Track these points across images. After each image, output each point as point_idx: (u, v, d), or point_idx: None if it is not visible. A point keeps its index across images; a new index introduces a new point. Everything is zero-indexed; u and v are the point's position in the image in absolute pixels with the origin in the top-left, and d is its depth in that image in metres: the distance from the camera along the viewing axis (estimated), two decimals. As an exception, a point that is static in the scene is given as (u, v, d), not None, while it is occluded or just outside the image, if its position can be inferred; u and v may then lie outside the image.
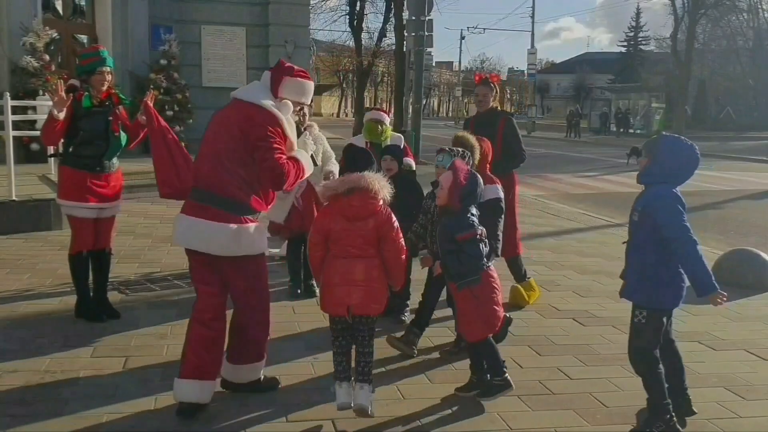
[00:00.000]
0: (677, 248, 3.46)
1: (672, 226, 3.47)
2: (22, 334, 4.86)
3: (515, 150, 6.00)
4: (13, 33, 11.75)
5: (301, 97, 3.87)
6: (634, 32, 69.75)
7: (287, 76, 3.80)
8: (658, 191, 3.59)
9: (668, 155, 3.57)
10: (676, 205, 3.52)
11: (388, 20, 28.77)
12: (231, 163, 3.61)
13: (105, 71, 4.99)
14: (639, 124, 41.34)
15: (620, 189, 15.71)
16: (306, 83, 3.88)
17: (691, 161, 3.60)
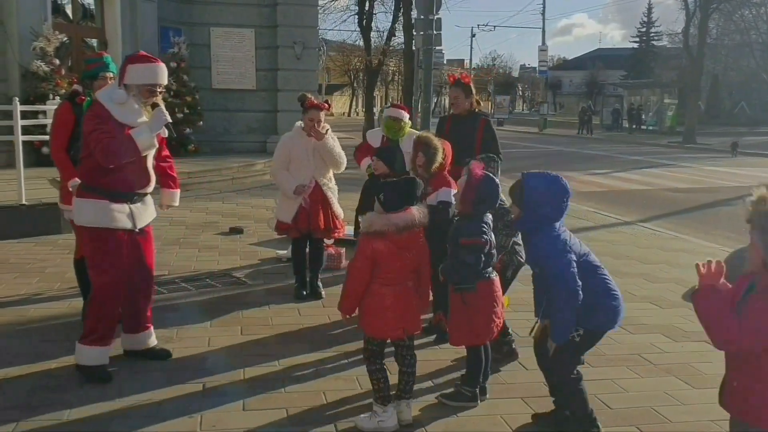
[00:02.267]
0: (559, 301, 3.40)
1: (553, 275, 3.41)
2: (30, 337, 4.90)
3: (493, 152, 5.99)
4: (23, 38, 11.83)
5: (146, 79, 4.17)
6: (646, 28, 69.25)
7: (129, 64, 4.17)
8: (538, 242, 3.49)
9: (534, 198, 3.44)
10: (551, 249, 3.42)
11: (397, 19, 28.73)
12: (86, 152, 4.19)
13: (107, 77, 5.03)
14: (652, 120, 41.05)
15: (631, 186, 15.63)
16: (148, 66, 4.19)
17: (558, 195, 3.46)
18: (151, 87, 4.21)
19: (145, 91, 4.20)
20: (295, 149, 5.87)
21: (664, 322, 5.63)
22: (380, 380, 3.71)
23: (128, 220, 4.29)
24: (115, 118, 4.10)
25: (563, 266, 3.38)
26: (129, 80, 4.16)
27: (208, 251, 7.76)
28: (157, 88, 4.27)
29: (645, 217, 11.10)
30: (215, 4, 16.15)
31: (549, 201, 3.44)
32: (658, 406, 4.05)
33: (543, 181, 3.49)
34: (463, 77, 6.20)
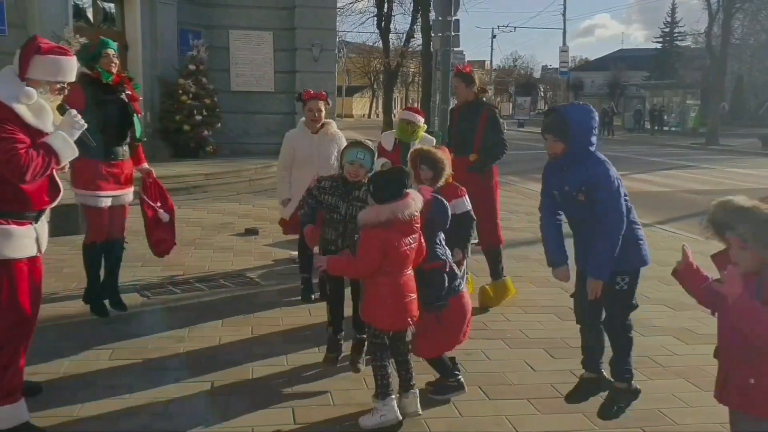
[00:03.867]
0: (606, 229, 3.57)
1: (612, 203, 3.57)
2: (45, 336, 4.98)
3: (496, 141, 5.97)
4: (45, 41, 12.02)
5: (56, 75, 3.48)
6: (669, 28, 68.46)
7: (36, 55, 3.42)
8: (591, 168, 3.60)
9: (580, 129, 3.57)
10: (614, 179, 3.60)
11: (416, 21, 28.78)
12: None
13: (110, 53, 5.13)
14: (674, 121, 40.63)
15: (651, 188, 15.49)
16: (60, 59, 3.48)
17: (596, 123, 3.66)
18: (62, 84, 3.56)
19: (55, 89, 3.53)
20: (299, 146, 5.88)
21: (677, 324, 5.59)
22: (385, 375, 3.74)
23: (34, 246, 3.54)
24: (26, 121, 3.35)
25: (616, 191, 3.56)
26: (34, 74, 3.42)
27: (223, 252, 7.83)
28: (66, 86, 3.61)
29: (663, 219, 11.00)
30: (234, 6, 16.27)
31: (593, 129, 3.60)
32: (664, 408, 4.03)
33: (583, 112, 3.62)
34: (464, 67, 6.24)
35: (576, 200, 3.67)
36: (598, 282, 3.65)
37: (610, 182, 3.57)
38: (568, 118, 3.57)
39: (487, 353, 4.86)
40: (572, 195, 3.66)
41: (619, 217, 3.56)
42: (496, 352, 4.89)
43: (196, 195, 11.76)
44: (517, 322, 5.53)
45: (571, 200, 3.70)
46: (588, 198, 3.60)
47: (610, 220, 3.55)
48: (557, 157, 3.68)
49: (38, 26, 12.06)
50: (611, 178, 3.58)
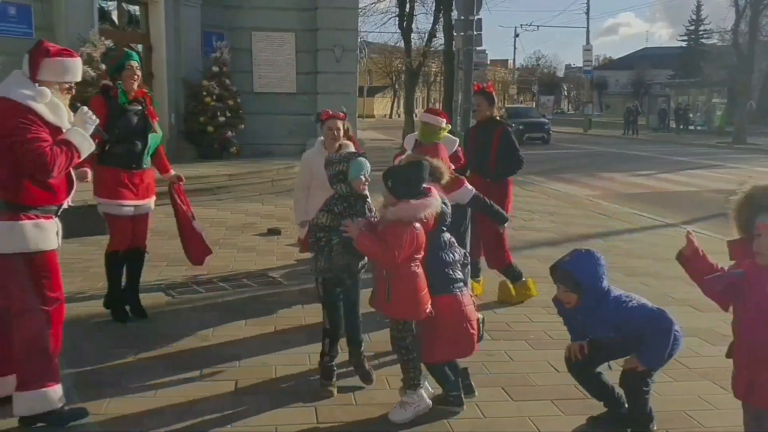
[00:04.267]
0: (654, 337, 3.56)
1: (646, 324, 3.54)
2: (71, 335, 5.03)
3: (510, 157, 6.07)
4: (71, 44, 12.11)
5: (64, 76, 3.69)
6: (694, 26, 67.68)
7: (45, 58, 3.63)
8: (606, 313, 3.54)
9: (590, 280, 3.51)
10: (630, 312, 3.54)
11: (438, 20, 28.68)
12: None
13: (133, 65, 5.19)
14: (700, 120, 40.10)
15: (676, 188, 15.32)
16: (67, 61, 3.69)
17: (603, 265, 3.58)
18: (70, 85, 3.77)
19: (64, 88, 3.73)
20: (317, 166, 5.75)
21: (703, 325, 5.52)
22: (417, 367, 3.78)
23: (56, 239, 3.78)
24: (45, 119, 3.57)
25: (646, 312, 3.55)
26: (46, 76, 3.63)
27: (246, 252, 7.88)
28: (73, 86, 3.82)
29: (689, 219, 10.87)
30: (257, 8, 16.35)
31: (603, 274, 3.54)
32: (690, 410, 3.99)
33: (588, 261, 3.55)
34: (487, 86, 6.32)
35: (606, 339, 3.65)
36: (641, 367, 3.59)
37: (634, 310, 3.54)
38: (576, 274, 3.51)
39: (510, 354, 4.84)
40: (602, 336, 3.65)
41: (666, 326, 3.56)
42: (519, 353, 4.87)
43: (220, 195, 11.86)
44: (540, 323, 5.50)
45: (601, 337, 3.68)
46: (622, 332, 3.58)
47: (661, 332, 3.55)
48: (573, 306, 3.62)
49: (64, 29, 12.24)
50: (630, 306, 3.55)
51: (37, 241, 3.62)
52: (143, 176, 5.33)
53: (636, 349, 3.56)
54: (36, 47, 3.70)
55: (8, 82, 3.64)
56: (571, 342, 3.81)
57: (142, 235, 5.48)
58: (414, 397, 3.78)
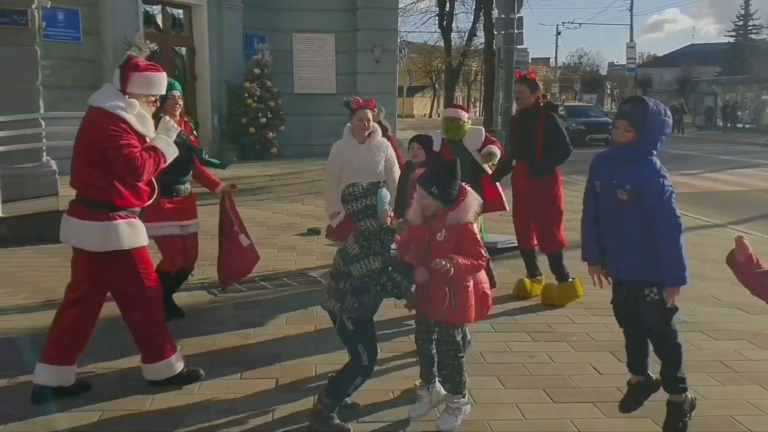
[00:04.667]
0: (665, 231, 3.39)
1: (662, 208, 3.39)
2: (117, 333, 5.14)
3: (557, 146, 5.87)
4: (117, 48, 12.45)
5: (151, 89, 4.05)
6: (743, 21, 65.98)
7: (134, 72, 3.97)
8: (646, 167, 3.45)
9: (657, 123, 3.43)
10: (667, 186, 3.42)
11: (478, 19, 28.57)
12: (89, 167, 3.90)
13: (175, 95, 5.24)
14: (748, 118, 39.08)
15: (722, 187, 14.97)
16: (153, 75, 4.05)
17: (669, 126, 3.52)
18: (155, 97, 4.14)
19: (150, 101, 4.10)
20: (347, 158, 5.75)
21: (752, 328, 5.39)
22: (464, 371, 3.76)
23: (146, 236, 4.17)
24: (135, 128, 3.94)
25: (668, 197, 3.40)
26: (134, 89, 3.97)
27: (287, 251, 7.96)
28: (158, 98, 4.20)
29: (736, 220, 10.61)
30: (297, 10, 16.49)
31: (666, 133, 3.48)
32: (738, 414, 3.89)
33: (664, 113, 3.48)
34: (530, 72, 6.18)
35: (616, 197, 3.50)
36: (676, 289, 3.45)
37: (662, 187, 3.42)
38: (650, 111, 3.43)
39: (551, 356, 4.79)
40: (616, 190, 3.50)
41: (674, 219, 3.39)
42: (561, 354, 4.82)
43: (261, 196, 11.99)
44: (582, 325, 5.43)
45: (612, 195, 3.53)
46: (633, 199, 3.43)
47: (666, 223, 3.39)
48: (621, 147, 3.54)
49: (110, 33, 12.53)
50: (664, 185, 3.43)
51: (131, 238, 3.98)
52: (184, 203, 5.38)
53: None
54: (126, 62, 4.05)
55: (101, 94, 3.99)
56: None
57: (193, 256, 5.54)
58: (461, 402, 3.74)
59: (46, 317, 5.46)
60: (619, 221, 3.53)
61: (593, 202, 3.70)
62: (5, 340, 5.03)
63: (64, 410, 3.89)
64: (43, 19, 10.97)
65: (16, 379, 4.31)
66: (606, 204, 3.59)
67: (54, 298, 5.99)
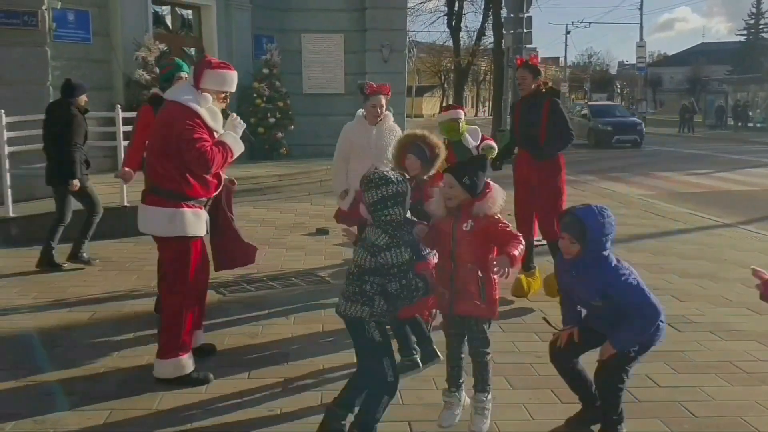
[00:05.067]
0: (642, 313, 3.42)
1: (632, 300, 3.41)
2: (126, 332, 5.20)
3: (561, 130, 5.87)
4: (126, 48, 12.51)
5: (222, 86, 4.23)
6: (754, 20, 65.70)
7: (207, 69, 4.18)
8: (602, 275, 3.44)
9: (597, 234, 3.41)
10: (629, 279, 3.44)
11: (487, 18, 28.52)
12: (162, 157, 4.12)
13: (183, 76, 5.28)
14: (759, 117, 38.81)
15: (732, 187, 14.88)
16: (224, 73, 4.23)
17: (612, 227, 3.48)
18: (226, 94, 4.30)
19: (220, 97, 4.26)
20: (357, 138, 5.74)
21: (762, 328, 5.35)
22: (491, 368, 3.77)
23: (205, 227, 4.35)
24: (207, 123, 4.14)
25: (639, 294, 3.42)
26: (206, 85, 4.17)
27: (295, 251, 7.97)
28: (228, 95, 4.35)
29: (746, 219, 10.54)
30: (306, 10, 16.51)
31: (609, 233, 3.47)
32: (747, 416, 3.86)
33: (600, 216, 3.46)
34: (531, 59, 6.17)
35: (590, 303, 3.57)
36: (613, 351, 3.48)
37: (625, 284, 3.43)
38: (586, 222, 3.43)
39: (559, 355, 4.76)
40: (588, 300, 3.56)
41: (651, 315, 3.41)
42: (568, 354, 4.79)
43: (270, 195, 12.02)
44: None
45: (586, 303, 3.60)
46: (607, 303, 3.47)
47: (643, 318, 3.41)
48: (573, 259, 3.52)
49: (120, 34, 12.58)
50: (626, 280, 3.43)
51: (195, 227, 4.19)
52: None
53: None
54: (200, 60, 4.30)
55: (178, 89, 4.27)
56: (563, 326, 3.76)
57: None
58: (487, 399, 3.72)
59: (56, 317, 5.55)
60: (599, 316, 3.57)
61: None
62: (15, 339, 5.07)
63: (72, 409, 3.91)
64: (54, 20, 11.04)
65: (25, 378, 4.33)
66: (583, 304, 3.65)
67: (63, 297, 6.06)
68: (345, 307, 3.44)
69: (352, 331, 3.49)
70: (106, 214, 7.50)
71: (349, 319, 3.44)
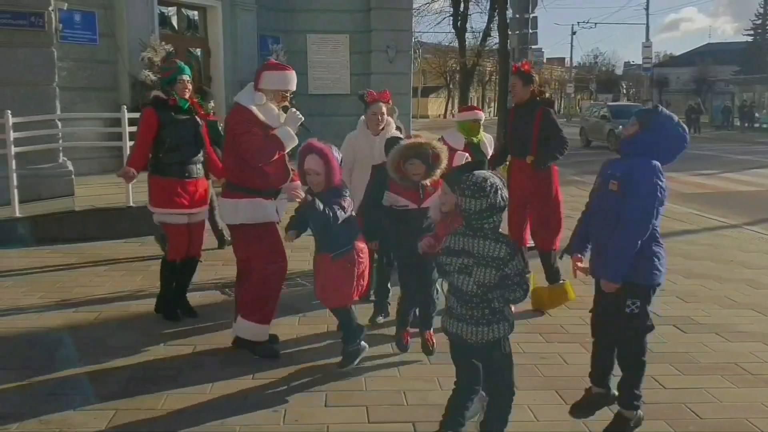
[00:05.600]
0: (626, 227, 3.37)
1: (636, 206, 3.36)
2: (130, 332, 5.21)
3: (554, 140, 5.82)
4: (132, 49, 12.52)
5: (279, 85, 4.59)
6: (761, 20, 65.36)
7: (264, 71, 4.60)
8: (643, 163, 3.41)
9: (660, 128, 3.43)
10: (655, 185, 3.36)
11: (493, 19, 28.49)
12: (227, 153, 4.65)
13: (185, 79, 5.34)
14: (766, 117, 38.67)
15: (739, 188, 14.82)
16: (280, 73, 4.62)
17: (679, 141, 3.47)
18: (284, 92, 4.62)
19: (279, 95, 4.59)
20: (360, 147, 5.77)
21: (767, 330, 5.33)
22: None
23: (275, 215, 4.71)
24: (261, 119, 4.48)
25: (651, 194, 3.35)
26: (264, 85, 4.55)
27: (301, 251, 7.91)
28: (288, 93, 4.66)
29: (752, 220, 10.51)
30: (311, 11, 16.51)
31: (673, 139, 3.45)
32: (753, 417, 3.85)
33: (676, 120, 3.49)
34: (523, 65, 6.10)
35: (608, 188, 3.50)
36: (609, 284, 3.47)
37: (650, 183, 3.35)
38: (660, 112, 3.48)
39: (564, 357, 4.77)
40: (608, 179, 3.51)
41: (642, 218, 3.36)
42: (573, 356, 4.79)
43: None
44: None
45: (605, 187, 3.54)
46: (621, 189, 3.41)
47: (633, 218, 3.36)
48: (625, 140, 3.54)
49: (126, 35, 12.60)
50: (653, 181, 3.36)
51: (255, 215, 4.56)
52: (197, 185, 5.43)
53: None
54: (263, 63, 4.72)
55: (242, 91, 4.66)
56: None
57: (198, 244, 5.60)
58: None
59: (62, 317, 5.56)
60: (606, 214, 3.50)
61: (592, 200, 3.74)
62: (21, 339, 5.08)
63: (77, 409, 3.92)
64: (60, 21, 11.07)
65: (30, 378, 4.35)
66: (598, 198, 3.61)
67: (69, 297, 6.08)
68: (480, 333, 3.18)
69: (487, 354, 3.26)
70: (111, 214, 7.52)
71: (486, 344, 3.21)
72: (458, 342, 3.28)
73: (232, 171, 4.63)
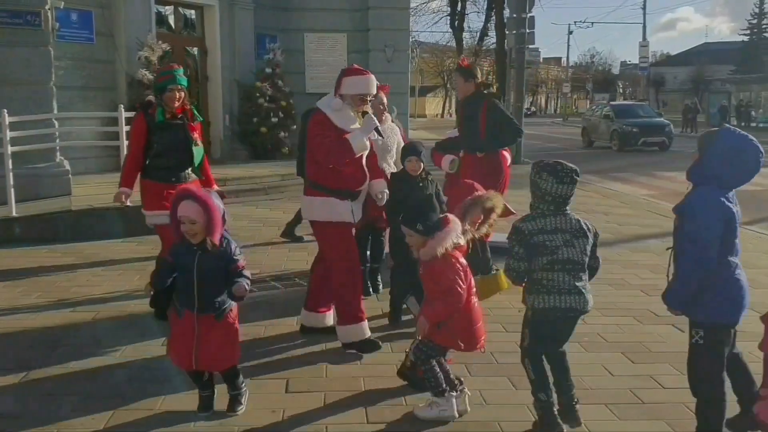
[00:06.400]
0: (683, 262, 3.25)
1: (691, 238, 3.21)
2: (128, 332, 5.19)
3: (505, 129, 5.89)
4: (130, 48, 12.51)
5: (357, 89, 4.67)
6: (757, 19, 65.57)
7: (343, 77, 4.71)
8: (699, 194, 3.29)
9: (718, 153, 3.23)
10: (711, 215, 3.20)
11: (490, 19, 28.51)
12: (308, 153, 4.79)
13: (175, 89, 5.28)
14: (762, 116, 38.76)
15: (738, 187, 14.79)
16: (356, 78, 4.70)
17: (746, 162, 3.26)
18: (363, 96, 4.69)
19: (358, 99, 4.67)
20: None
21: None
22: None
23: (350, 216, 4.76)
24: (335, 123, 4.61)
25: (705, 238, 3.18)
26: (344, 90, 4.65)
27: (298, 251, 7.95)
28: (368, 97, 4.75)
29: (751, 220, 10.50)
30: (309, 10, 16.49)
31: (732, 162, 3.24)
32: (753, 417, 3.83)
33: (739, 140, 3.27)
34: (462, 61, 6.23)
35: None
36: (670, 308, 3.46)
37: (704, 214, 3.21)
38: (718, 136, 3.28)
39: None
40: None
41: (697, 251, 3.20)
42: (573, 355, 4.71)
43: (273, 195, 12.00)
44: (594, 326, 5.38)
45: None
46: (678, 222, 3.35)
47: (687, 251, 3.24)
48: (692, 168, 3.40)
49: (123, 34, 12.59)
50: (706, 211, 3.21)
51: (325, 212, 4.72)
52: None
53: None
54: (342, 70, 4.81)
55: (323, 98, 4.80)
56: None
57: None
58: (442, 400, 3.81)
59: (59, 317, 5.54)
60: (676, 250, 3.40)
61: None
62: (18, 339, 5.06)
63: (75, 409, 3.90)
64: (57, 20, 11.03)
65: (28, 378, 4.33)
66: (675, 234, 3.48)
67: (67, 297, 6.06)
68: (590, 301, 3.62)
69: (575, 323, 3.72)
70: (108, 213, 7.49)
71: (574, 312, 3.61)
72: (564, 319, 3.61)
73: (311, 170, 4.78)
